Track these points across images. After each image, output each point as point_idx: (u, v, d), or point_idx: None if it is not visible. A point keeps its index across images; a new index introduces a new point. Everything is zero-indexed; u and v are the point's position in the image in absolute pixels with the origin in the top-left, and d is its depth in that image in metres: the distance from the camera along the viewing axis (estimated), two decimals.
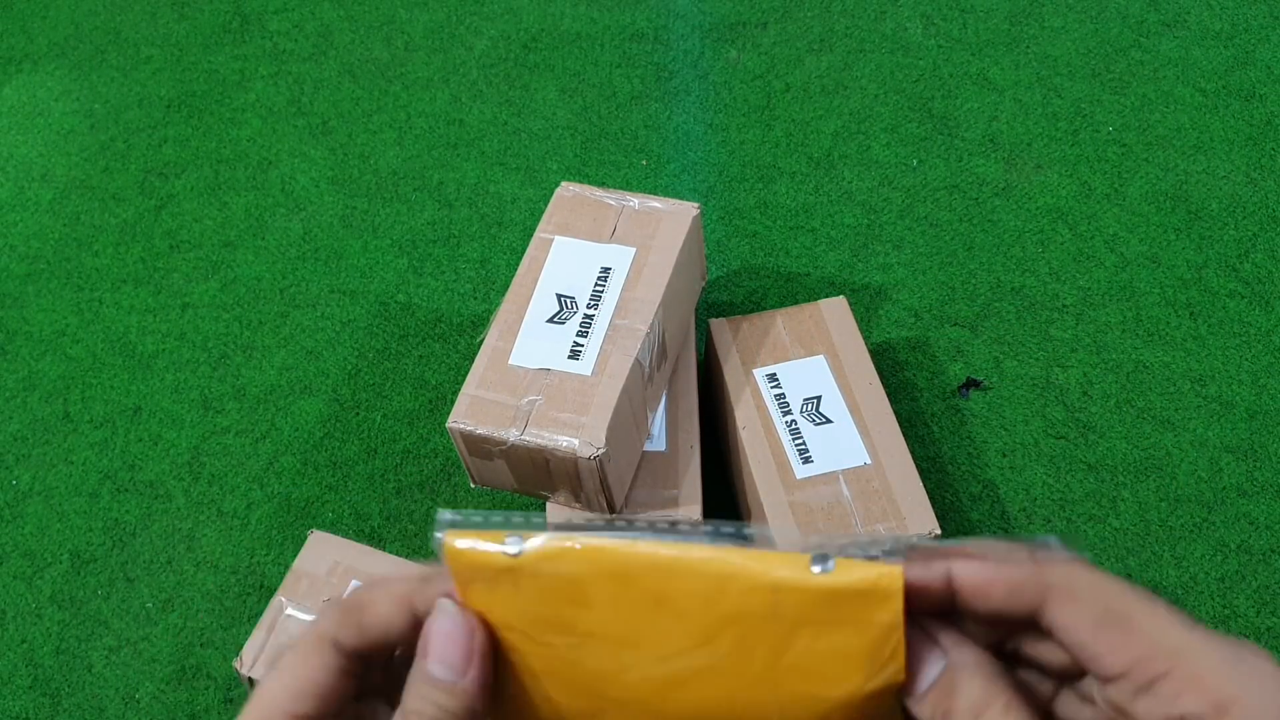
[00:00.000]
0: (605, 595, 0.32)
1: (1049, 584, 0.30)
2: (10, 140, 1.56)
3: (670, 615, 0.31)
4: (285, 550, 1.14)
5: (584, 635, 0.32)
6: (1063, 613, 0.30)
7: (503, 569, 0.32)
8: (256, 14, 1.68)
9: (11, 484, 1.22)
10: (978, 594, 0.30)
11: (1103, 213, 1.35)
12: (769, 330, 1.10)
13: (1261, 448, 1.15)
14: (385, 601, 0.32)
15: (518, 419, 0.94)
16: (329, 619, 0.32)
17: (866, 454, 1.01)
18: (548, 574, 0.32)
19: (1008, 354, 1.23)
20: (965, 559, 0.30)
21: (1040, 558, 0.30)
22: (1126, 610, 0.29)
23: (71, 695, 1.07)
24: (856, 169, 1.41)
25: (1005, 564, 0.30)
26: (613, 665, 0.32)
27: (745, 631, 0.31)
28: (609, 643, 0.32)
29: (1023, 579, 0.30)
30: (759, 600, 0.31)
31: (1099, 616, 0.29)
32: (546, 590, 0.32)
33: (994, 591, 0.30)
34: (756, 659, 0.31)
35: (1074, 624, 0.29)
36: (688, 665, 0.32)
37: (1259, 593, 1.05)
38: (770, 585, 0.31)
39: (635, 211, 1.06)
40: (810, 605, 0.30)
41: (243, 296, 1.36)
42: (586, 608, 0.32)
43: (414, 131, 1.51)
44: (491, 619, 0.33)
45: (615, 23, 1.60)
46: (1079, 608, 0.29)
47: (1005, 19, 1.56)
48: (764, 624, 0.31)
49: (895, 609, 0.30)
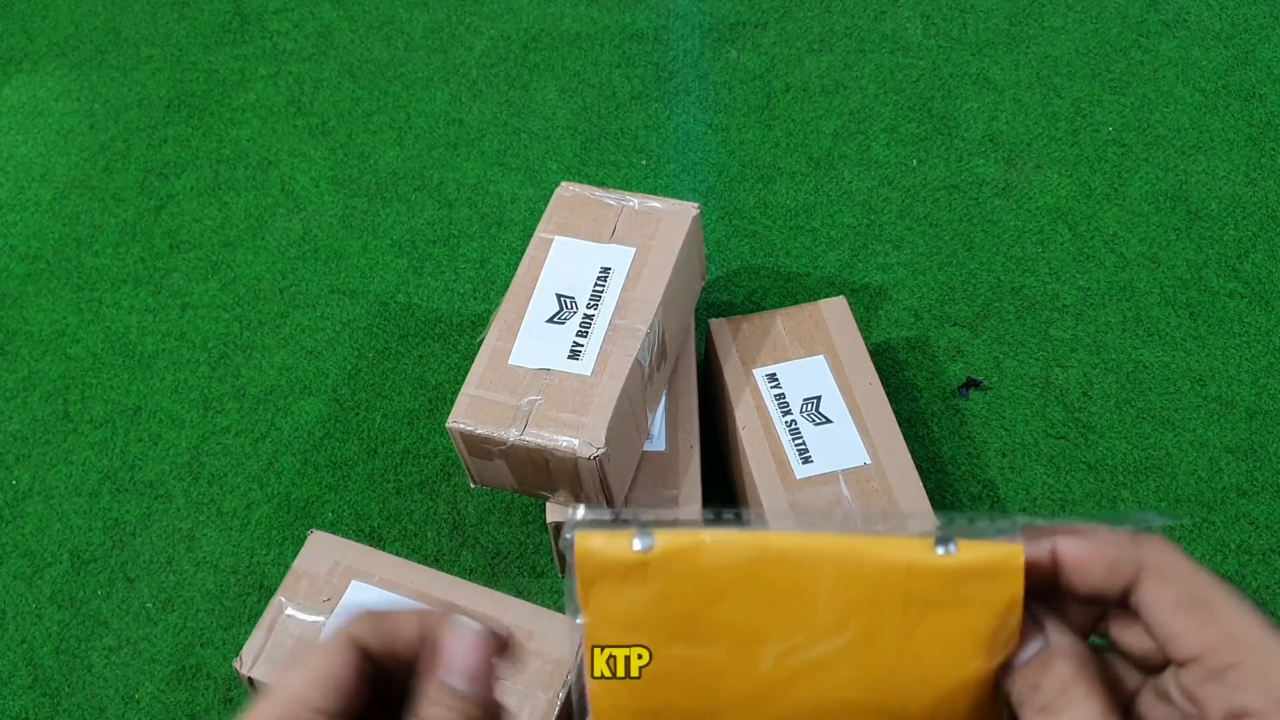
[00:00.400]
0: (736, 588, 0.32)
1: (1144, 563, 0.31)
2: (10, 140, 1.56)
3: (800, 605, 0.32)
4: (285, 550, 1.14)
5: (710, 631, 0.32)
6: (1151, 591, 0.31)
7: (633, 565, 0.32)
8: (256, 14, 1.68)
9: (11, 484, 1.22)
10: (1079, 570, 0.31)
11: (1103, 213, 1.35)
12: (769, 330, 1.10)
13: (1261, 448, 1.15)
14: (408, 617, 0.33)
15: (518, 419, 0.94)
16: (355, 622, 0.33)
17: (866, 454, 1.01)
18: (677, 569, 0.32)
19: (1008, 354, 1.23)
20: (1070, 535, 0.32)
21: (1139, 539, 0.31)
22: (1210, 598, 0.30)
23: (71, 695, 1.07)
24: (856, 169, 1.41)
25: (1106, 542, 0.31)
26: (737, 662, 0.32)
27: (874, 617, 0.32)
28: (736, 637, 0.32)
29: (1120, 556, 0.31)
30: (889, 583, 0.31)
31: (1183, 598, 0.30)
32: (676, 586, 0.32)
33: (1094, 568, 0.31)
34: (882, 644, 0.32)
35: (1159, 603, 0.31)
36: (813, 656, 0.32)
37: (1259, 593, 1.05)
38: (901, 568, 0.31)
39: (635, 211, 1.06)
40: (937, 585, 0.31)
41: (243, 296, 1.36)
42: (717, 602, 0.32)
43: (414, 131, 1.51)
44: (613, 622, 0.33)
45: (615, 23, 1.60)
46: (1166, 588, 0.31)
47: (1005, 19, 1.56)
48: (892, 608, 0.31)
49: (1017, 586, 0.31)
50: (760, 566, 0.32)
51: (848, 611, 0.32)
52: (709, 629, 0.32)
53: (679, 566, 0.32)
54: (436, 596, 0.93)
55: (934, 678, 0.32)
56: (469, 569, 1.11)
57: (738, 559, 0.32)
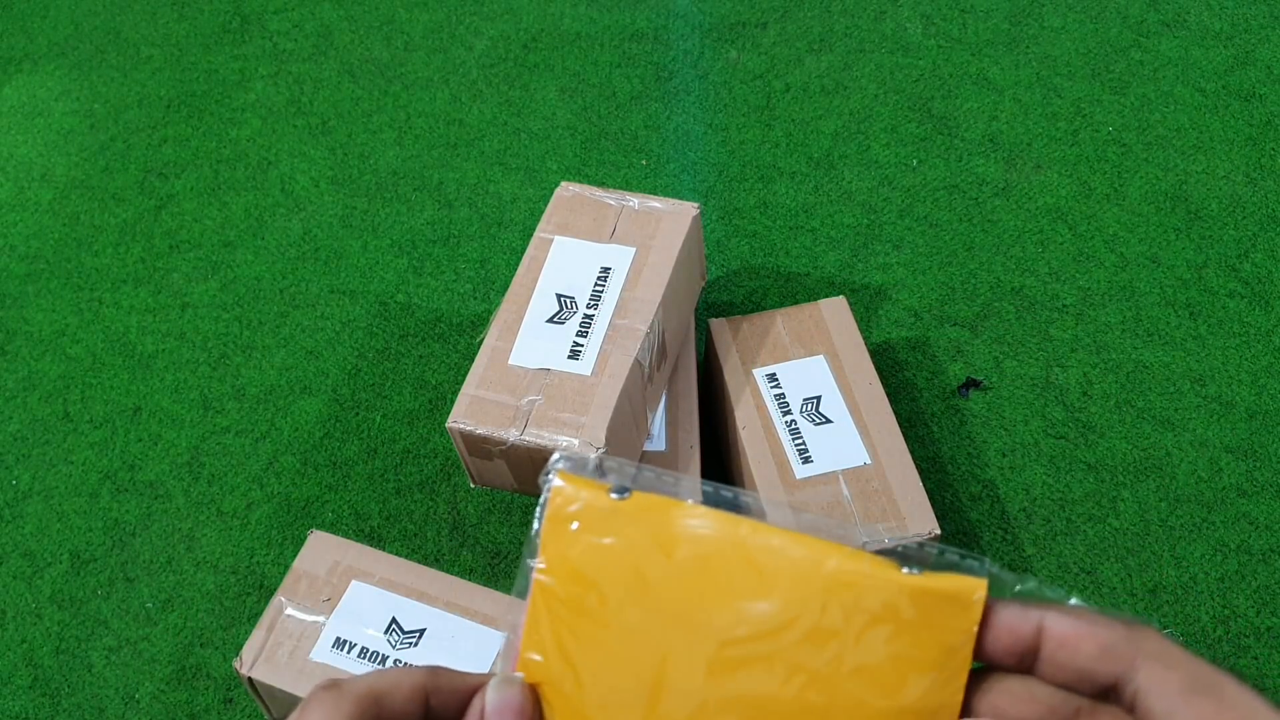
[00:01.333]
0: (695, 562, 0.32)
1: (1142, 649, 0.30)
2: (10, 140, 1.56)
3: (752, 595, 0.32)
4: (285, 550, 1.14)
5: (659, 597, 0.32)
6: (1154, 678, 0.30)
7: (605, 511, 0.32)
8: (256, 14, 1.68)
9: (11, 484, 1.22)
10: (1067, 647, 0.31)
11: (1103, 213, 1.35)
12: (769, 330, 1.10)
13: (1261, 448, 1.15)
14: (402, 693, 0.32)
15: (518, 419, 0.94)
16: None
17: (866, 454, 1.01)
18: (644, 526, 0.32)
19: (1008, 354, 1.23)
20: (1061, 612, 0.31)
21: (1133, 626, 0.31)
22: (1217, 684, 0.30)
23: (71, 695, 1.07)
24: (856, 169, 1.41)
25: (1099, 623, 0.31)
26: (678, 638, 0.32)
27: (821, 622, 0.31)
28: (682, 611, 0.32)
29: (1116, 640, 0.31)
30: (845, 591, 0.31)
31: (1191, 685, 0.30)
32: (637, 541, 0.32)
33: (1085, 647, 0.31)
34: (824, 653, 0.31)
35: (1163, 689, 0.30)
36: (754, 650, 0.32)
37: (1259, 593, 1.05)
38: (861, 577, 0.31)
39: (635, 211, 1.06)
40: (894, 602, 0.31)
41: (243, 296, 1.36)
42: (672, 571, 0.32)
43: (414, 131, 1.51)
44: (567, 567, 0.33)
45: (615, 23, 1.60)
46: (1171, 674, 0.30)
47: (1005, 19, 1.56)
48: (843, 615, 0.31)
49: (974, 619, 0.31)
50: (724, 547, 0.32)
51: (799, 607, 0.31)
52: (659, 595, 0.32)
53: (646, 524, 0.32)
54: (437, 597, 0.93)
55: (868, 704, 0.31)
56: (469, 569, 1.11)
57: (704, 534, 0.32)
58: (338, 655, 0.90)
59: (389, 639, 0.90)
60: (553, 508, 0.33)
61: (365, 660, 0.89)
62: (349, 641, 0.90)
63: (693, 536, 0.32)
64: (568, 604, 0.33)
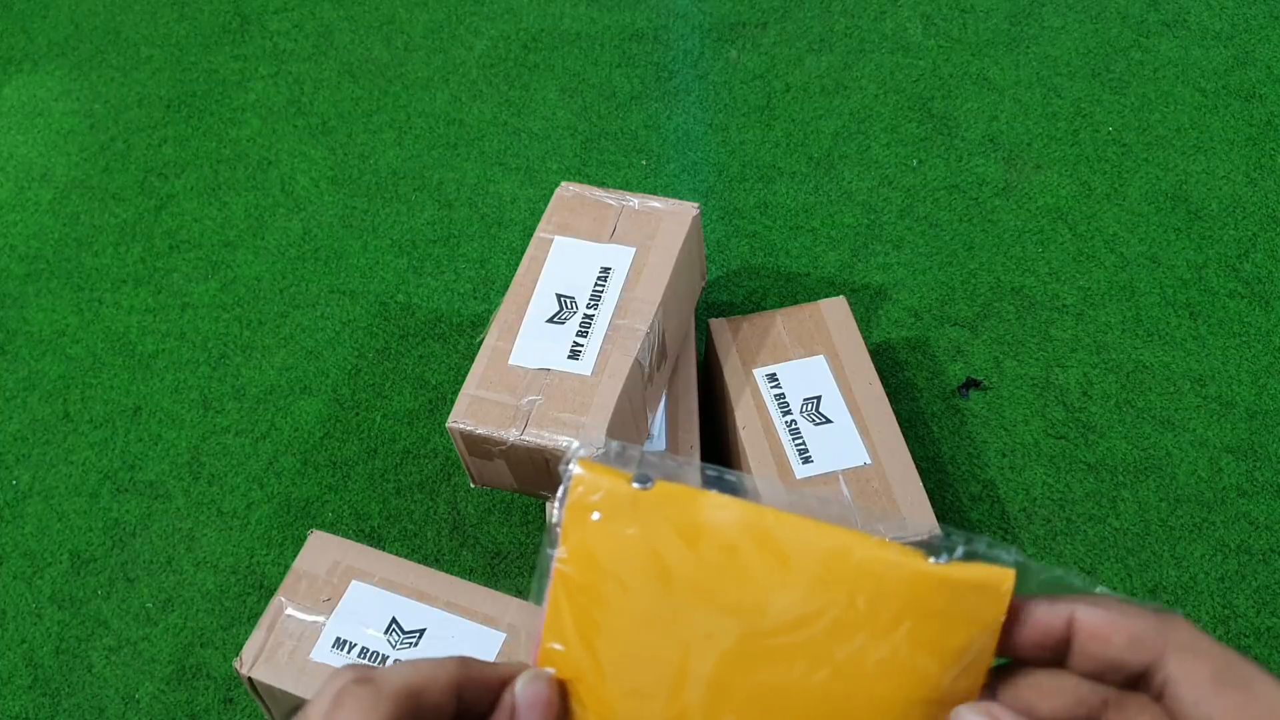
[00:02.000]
0: (718, 552, 0.31)
1: (1171, 639, 0.30)
2: (10, 140, 1.56)
3: (779, 579, 0.31)
4: (285, 550, 1.14)
5: (681, 587, 0.32)
6: (1183, 668, 0.30)
7: (625, 500, 0.32)
8: (256, 14, 1.68)
9: (11, 484, 1.22)
10: (1098, 638, 0.31)
11: (1103, 213, 1.35)
12: (769, 330, 1.10)
13: (1261, 448, 1.15)
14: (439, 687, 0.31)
15: (518, 419, 0.94)
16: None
17: (866, 454, 1.01)
18: (667, 515, 0.32)
19: (1008, 354, 1.23)
20: (1090, 603, 0.31)
21: (1163, 616, 0.31)
22: (1246, 676, 0.30)
23: (71, 695, 1.07)
24: (856, 169, 1.41)
25: (1129, 614, 0.31)
26: (700, 630, 0.32)
27: (848, 614, 0.31)
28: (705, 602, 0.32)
29: (1146, 631, 0.31)
30: (872, 581, 0.31)
31: (1220, 676, 0.30)
32: (660, 530, 0.32)
33: (1116, 638, 0.31)
34: (849, 645, 0.31)
35: (1192, 680, 0.30)
36: (777, 642, 0.31)
37: (1259, 593, 1.05)
38: (889, 567, 0.31)
39: (635, 211, 1.06)
40: (921, 592, 0.31)
41: (243, 296, 1.36)
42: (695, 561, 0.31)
43: (414, 131, 1.51)
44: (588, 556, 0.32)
45: (615, 23, 1.60)
46: (1200, 665, 0.30)
47: (1005, 19, 1.56)
48: (869, 606, 0.31)
49: (1000, 609, 0.31)
50: (748, 537, 0.31)
51: (826, 600, 0.31)
52: (682, 585, 0.32)
53: (669, 513, 0.32)
54: (437, 597, 0.93)
55: (895, 686, 0.31)
56: (469, 569, 1.11)
57: (729, 523, 0.32)
58: (338, 655, 0.90)
59: (389, 639, 0.90)
60: (573, 497, 0.32)
61: (365, 661, 0.89)
62: (349, 641, 0.90)
63: (716, 526, 0.32)
64: (589, 593, 0.32)
